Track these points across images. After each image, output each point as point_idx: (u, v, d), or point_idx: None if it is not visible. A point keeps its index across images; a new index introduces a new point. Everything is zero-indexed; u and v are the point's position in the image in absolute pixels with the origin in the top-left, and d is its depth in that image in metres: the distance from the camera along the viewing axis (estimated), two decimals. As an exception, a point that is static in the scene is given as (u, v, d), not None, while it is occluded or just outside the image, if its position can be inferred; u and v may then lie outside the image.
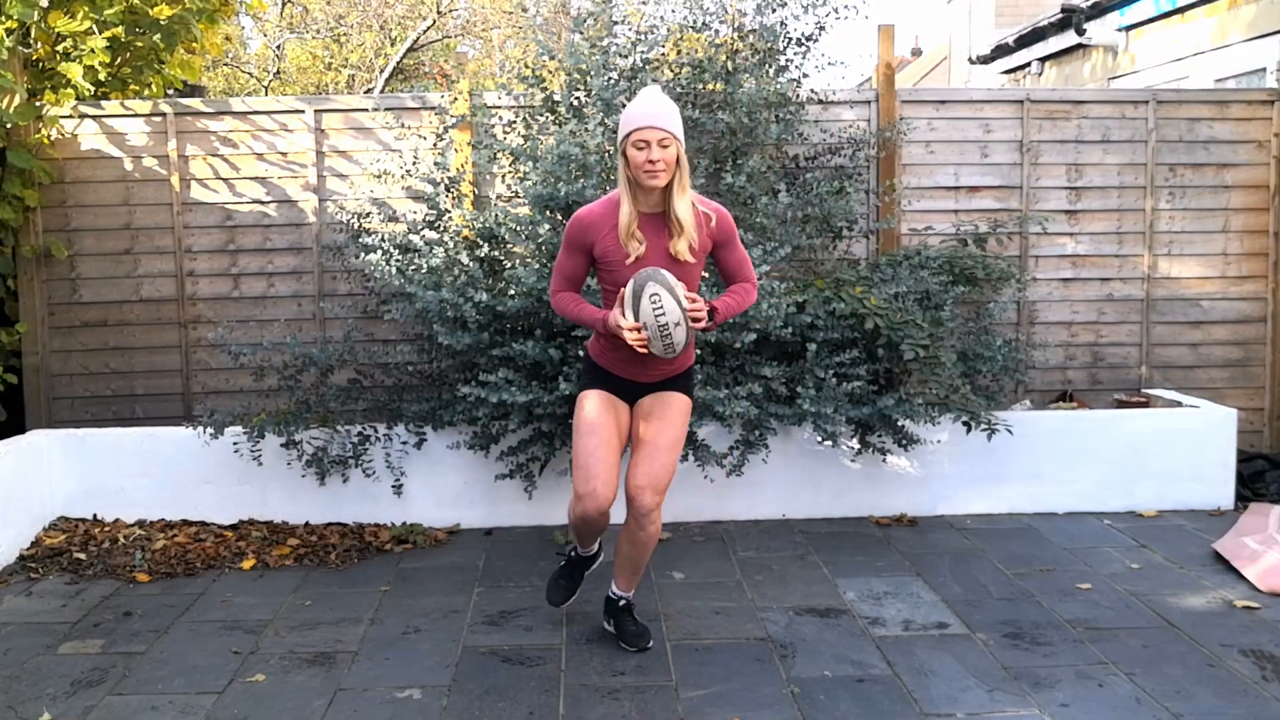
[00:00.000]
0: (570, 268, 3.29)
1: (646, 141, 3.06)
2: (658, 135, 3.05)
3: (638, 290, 3.06)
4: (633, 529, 3.32)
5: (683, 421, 3.35)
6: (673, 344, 3.10)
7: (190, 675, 3.34)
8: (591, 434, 3.26)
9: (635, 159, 3.08)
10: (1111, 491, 4.98)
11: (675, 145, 3.08)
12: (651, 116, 3.07)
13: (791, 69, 5.09)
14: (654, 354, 3.15)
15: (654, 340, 3.09)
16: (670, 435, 3.29)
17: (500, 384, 4.30)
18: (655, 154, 3.05)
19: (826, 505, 4.91)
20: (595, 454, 3.23)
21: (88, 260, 5.34)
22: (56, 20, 4.90)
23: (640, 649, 3.47)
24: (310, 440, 4.77)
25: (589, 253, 3.24)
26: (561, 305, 3.32)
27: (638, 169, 3.08)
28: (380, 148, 5.34)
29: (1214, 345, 5.67)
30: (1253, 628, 3.61)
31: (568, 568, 3.67)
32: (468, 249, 4.67)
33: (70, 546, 4.53)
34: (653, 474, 3.24)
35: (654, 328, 3.06)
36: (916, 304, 4.82)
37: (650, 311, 3.04)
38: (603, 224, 3.21)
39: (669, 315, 3.05)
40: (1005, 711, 3.05)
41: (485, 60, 16.83)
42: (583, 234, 3.22)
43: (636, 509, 3.26)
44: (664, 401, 3.34)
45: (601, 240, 3.20)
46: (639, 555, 3.40)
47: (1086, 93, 5.91)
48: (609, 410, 3.32)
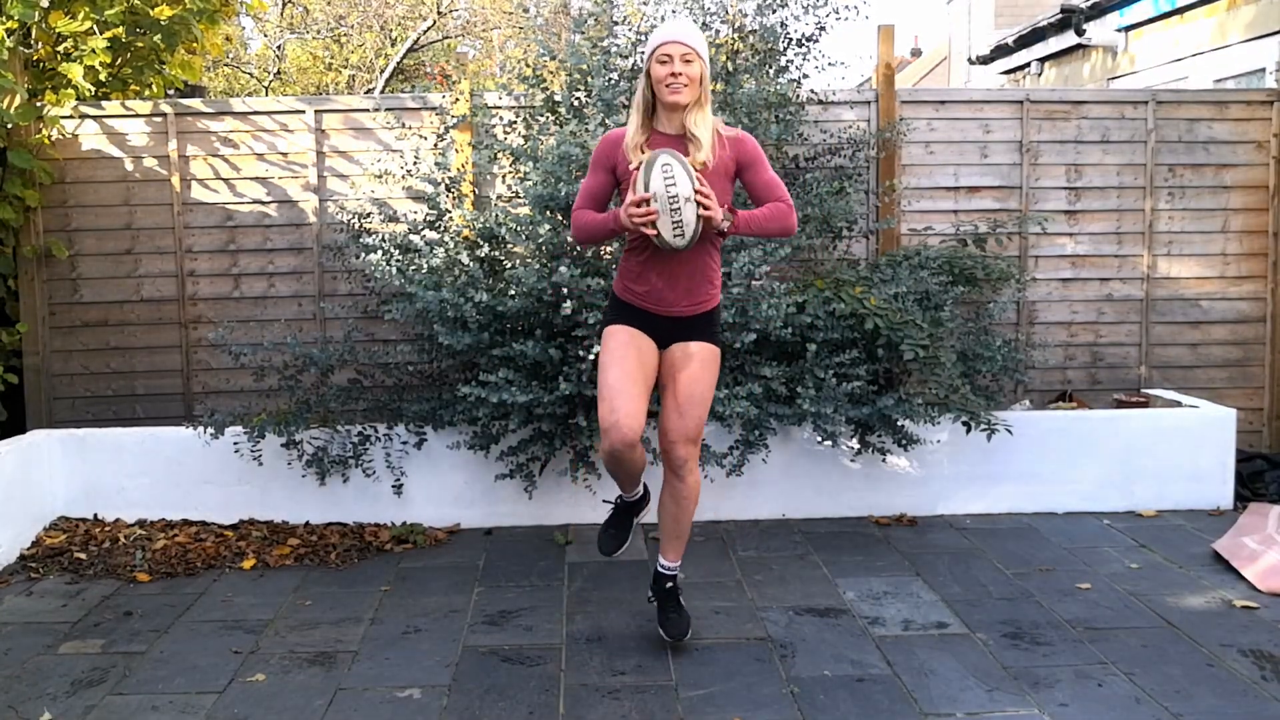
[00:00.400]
0: (594, 186, 3.29)
1: (670, 55, 3.08)
2: (681, 50, 3.07)
3: (651, 161, 3.03)
4: (672, 483, 3.34)
5: (712, 373, 3.32)
6: (682, 223, 3.02)
7: (190, 675, 3.34)
8: (614, 366, 3.22)
9: (658, 73, 3.09)
10: (1111, 491, 4.98)
11: (699, 63, 3.10)
12: (676, 33, 3.10)
13: (792, 69, 5.10)
14: (663, 239, 3.05)
15: (662, 215, 3.01)
16: (700, 388, 3.28)
17: (500, 384, 4.31)
18: (678, 67, 3.07)
19: (826, 505, 4.92)
20: (618, 385, 3.18)
21: (88, 260, 5.35)
22: (57, 20, 4.90)
23: (675, 638, 3.44)
24: (310, 440, 4.77)
25: (612, 171, 3.24)
26: (579, 220, 3.29)
27: (659, 83, 3.09)
28: (380, 148, 5.35)
29: (1213, 345, 5.67)
30: (1252, 628, 3.62)
31: (616, 515, 3.62)
32: (468, 249, 4.67)
33: (71, 546, 4.54)
34: (685, 427, 3.26)
35: (664, 199, 2.99)
36: (916, 304, 4.82)
37: (661, 181, 2.99)
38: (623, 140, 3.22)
39: (680, 187, 2.99)
40: (1005, 711, 3.05)
41: (485, 61, 16.84)
42: (609, 151, 3.24)
43: (672, 461, 3.30)
44: (692, 352, 3.29)
45: (624, 158, 3.20)
46: (682, 513, 3.38)
47: (1086, 93, 5.91)
48: (633, 344, 3.27)
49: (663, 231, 3.06)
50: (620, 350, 3.25)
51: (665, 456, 3.34)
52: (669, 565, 3.49)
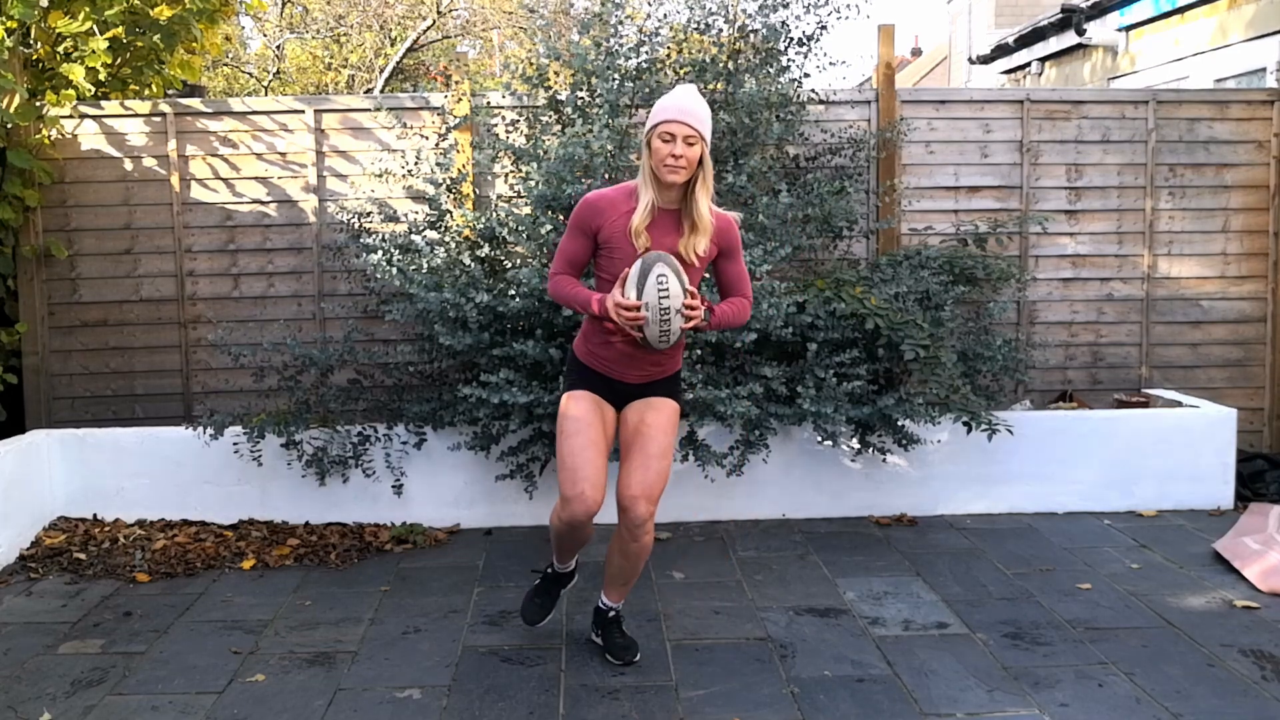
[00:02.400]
0: (573, 250, 3.21)
1: (672, 135, 3.01)
2: (684, 131, 3.00)
3: (646, 269, 2.99)
4: (625, 540, 3.21)
5: (673, 428, 3.26)
6: (668, 332, 3.02)
7: (190, 675, 3.34)
8: (577, 434, 3.16)
9: (658, 150, 3.03)
10: (1111, 491, 4.98)
11: (700, 145, 3.03)
12: (682, 111, 3.02)
13: (793, 69, 5.09)
14: (647, 340, 3.05)
15: (651, 324, 3.00)
16: (661, 442, 3.20)
17: (501, 384, 4.30)
18: (679, 149, 3.00)
19: (826, 505, 4.91)
20: (582, 455, 3.13)
21: (88, 260, 5.34)
22: (57, 20, 4.90)
23: (626, 663, 3.38)
24: (310, 440, 4.77)
25: (594, 236, 3.16)
26: (557, 287, 3.24)
27: (659, 161, 3.03)
28: (380, 148, 5.34)
29: (1214, 345, 5.67)
30: (1253, 628, 3.61)
31: (544, 585, 3.58)
32: (469, 249, 4.67)
33: (70, 546, 4.53)
34: (647, 482, 3.15)
35: (655, 310, 2.98)
36: (916, 304, 4.82)
37: (655, 292, 2.96)
38: (612, 210, 3.13)
39: (673, 300, 2.97)
40: (1005, 711, 3.05)
41: (486, 60, 16.84)
42: (591, 216, 3.15)
43: (630, 519, 3.15)
44: (653, 407, 3.24)
45: (609, 225, 3.13)
46: (630, 567, 3.30)
47: (1086, 93, 5.91)
48: (595, 411, 3.22)
49: (648, 336, 3.05)
50: (583, 418, 3.19)
51: (624, 514, 3.17)
52: (609, 603, 3.45)
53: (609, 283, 3.14)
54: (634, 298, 2.99)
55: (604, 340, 3.21)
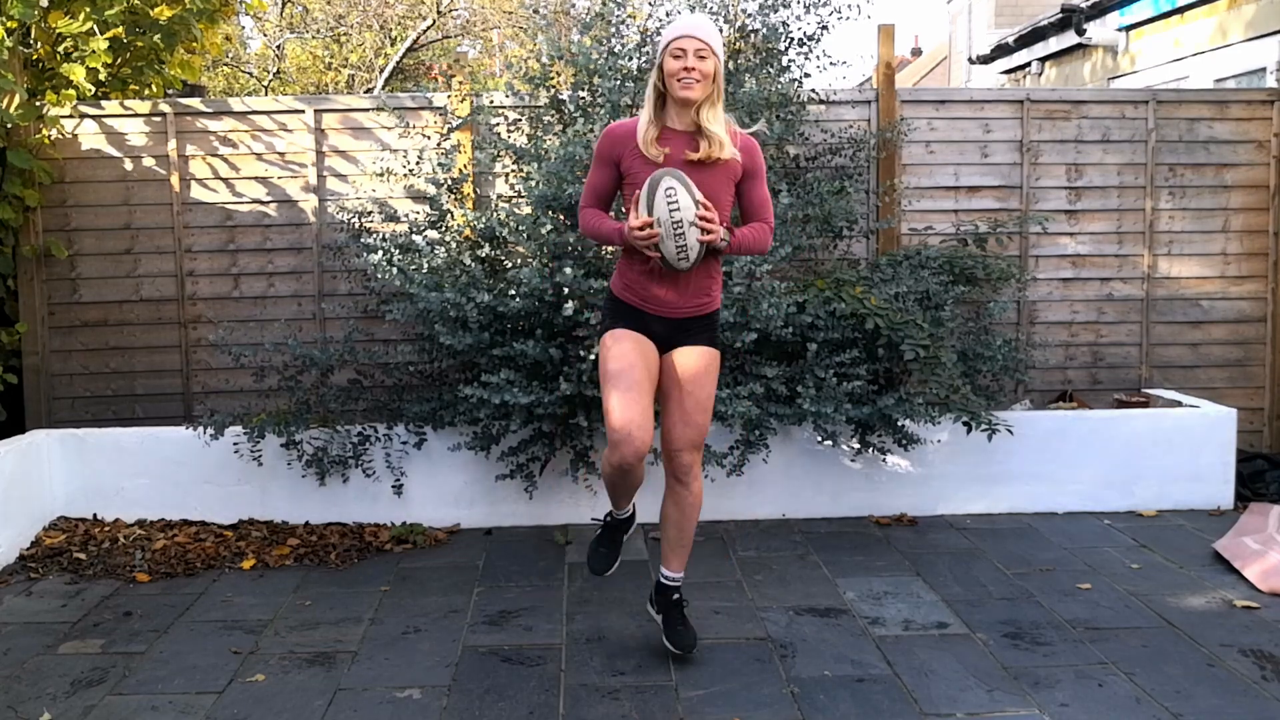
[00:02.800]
0: (598, 181, 3.23)
1: (683, 50, 3.02)
2: (695, 45, 3.02)
3: (653, 185, 2.99)
4: (675, 490, 3.29)
5: (713, 376, 3.28)
6: (685, 247, 3.00)
7: (190, 675, 3.34)
8: (620, 376, 3.13)
9: (670, 67, 3.03)
10: (1111, 491, 4.98)
11: (713, 59, 3.04)
12: (692, 27, 3.04)
13: (793, 69, 5.09)
14: (666, 260, 3.04)
15: (665, 239, 2.98)
16: (702, 394, 3.24)
17: (502, 385, 4.30)
18: (691, 62, 3.01)
19: (826, 505, 4.91)
20: (626, 396, 3.10)
21: (88, 260, 5.34)
22: (57, 20, 4.90)
23: (683, 651, 3.35)
24: (310, 440, 4.77)
25: (616, 165, 3.18)
26: (584, 221, 3.25)
27: (671, 77, 3.03)
28: (380, 148, 5.34)
29: (1214, 345, 5.67)
30: (1253, 628, 3.61)
31: (606, 533, 3.55)
32: (470, 249, 4.67)
33: (70, 546, 4.53)
34: (689, 435, 3.23)
35: (667, 224, 2.96)
36: (916, 304, 4.82)
37: (664, 206, 2.96)
38: (631, 138, 3.14)
39: (684, 212, 2.96)
40: (1005, 711, 3.05)
41: (486, 60, 16.84)
42: (611, 146, 3.17)
43: (676, 467, 3.25)
44: (693, 356, 3.24)
45: (629, 153, 3.13)
46: (686, 521, 3.32)
47: (1086, 93, 5.91)
48: (636, 349, 3.18)
49: (665, 254, 3.04)
50: (625, 358, 3.16)
51: (669, 463, 3.27)
52: (672, 576, 3.41)
53: None
54: (645, 215, 2.99)
55: (640, 278, 3.19)
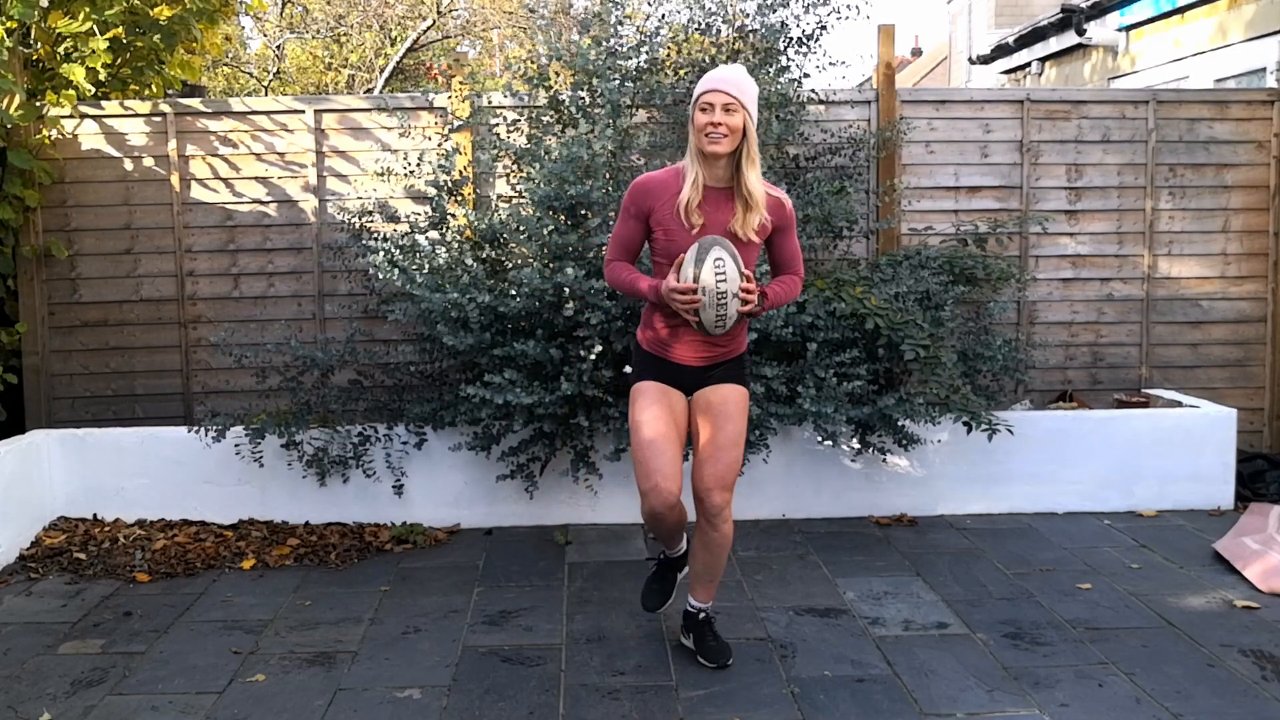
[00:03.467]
0: (626, 235, 3.21)
1: (711, 104, 3.00)
2: (723, 99, 2.99)
3: (703, 252, 2.97)
4: (705, 530, 3.25)
5: (743, 414, 3.25)
6: (725, 316, 3.01)
7: (190, 675, 3.34)
8: (647, 426, 3.16)
9: (698, 121, 3.02)
10: (1111, 491, 4.98)
11: (742, 114, 3.01)
12: (720, 80, 3.02)
13: (793, 69, 5.09)
14: (702, 325, 3.05)
15: (707, 307, 2.99)
16: (731, 431, 3.20)
17: (505, 385, 4.30)
18: (718, 117, 2.99)
19: (826, 505, 4.91)
20: (652, 448, 3.14)
21: (88, 260, 5.34)
22: (57, 20, 4.90)
23: (720, 665, 3.34)
24: (310, 440, 4.77)
25: (645, 220, 3.15)
26: (613, 274, 3.24)
27: (699, 131, 3.02)
28: (380, 148, 5.34)
29: (1214, 345, 5.67)
30: (1253, 628, 3.61)
31: (660, 571, 3.55)
32: (471, 249, 4.67)
33: (70, 546, 4.53)
34: (718, 474, 3.18)
35: (712, 293, 2.96)
36: (916, 304, 4.82)
37: (713, 275, 2.95)
38: (663, 191, 3.12)
39: (729, 284, 2.96)
40: (1005, 711, 3.05)
41: (486, 61, 16.84)
42: (642, 199, 3.14)
43: (706, 509, 3.21)
44: (721, 396, 3.22)
45: (660, 208, 3.11)
46: (714, 560, 3.29)
47: (1086, 93, 5.91)
48: (663, 401, 3.21)
49: (704, 321, 3.04)
50: (652, 410, 3.19)
51: (699, 504, 3.24)
52: (698, 604, 3.41)
53: (665, 266, 3.12)
54: (690, 280, 2.98)
55: (664, 325, 3.20)
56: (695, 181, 3.06)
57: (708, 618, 3.42)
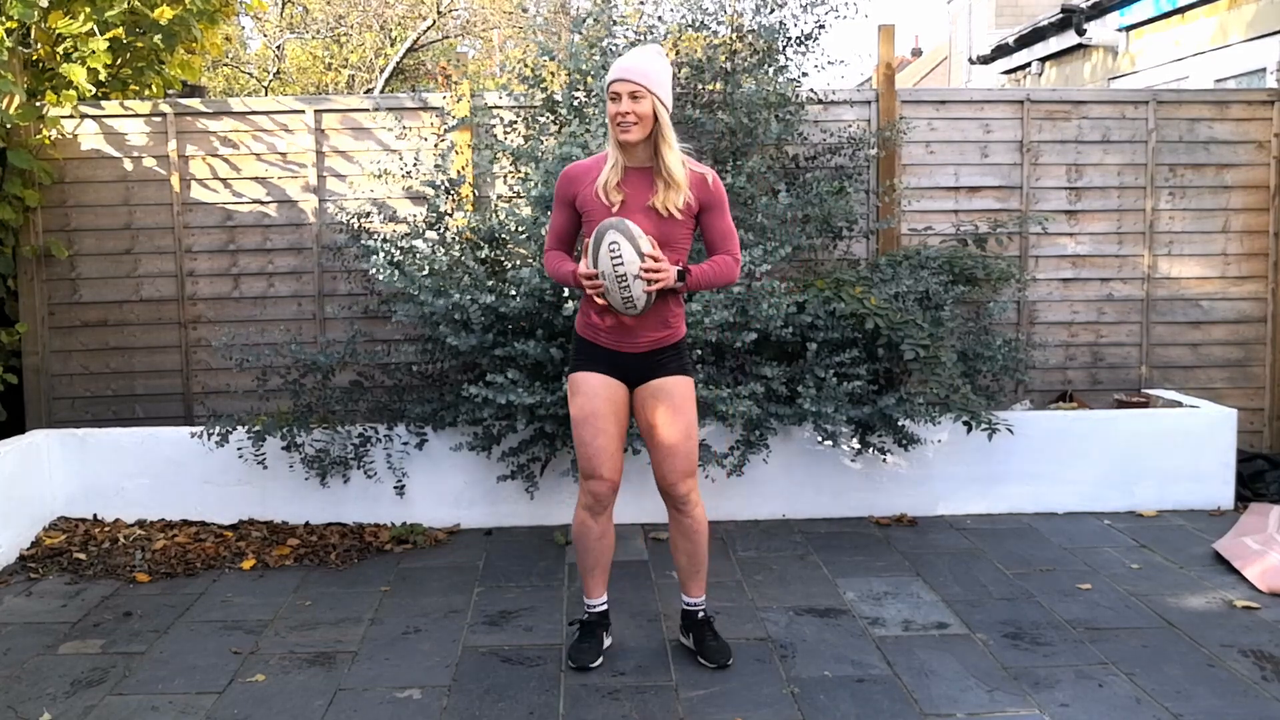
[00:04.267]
0: (559, 223, 3.27)
1: (618, 94, 3.04)
2: (628, 88, 3.02)
3: (598, 238, 3.02)
4: (679, 520, 3.32)
5: (691, 404, 3.26)
6: (630, 298, 3.03)
7: (190, 675, 3.34)
8: (587, 422, 3.22)
9: (609, 110, 3.07)
10: (1111, 491, 4.98)
11: (649, 99, 3.03)
12: (624, 69, 3.05)
13: (791, 69, 5.09)
14: (613, 308, 3.09)
15: (610, 291, 3.03)
16: (684, 425, 3.23)
17: (506, 385, 4.30)
18: (625, 105, 3.02)
19: (826, 505, 4.91)
20: (594, 443, 3.22)
21: (88, 260, 5.34)
22: (57, 21, 4.90)
23: (720, 666, 3.33)
24: (311, 441, 4.77)
25: (573, 206, 3.21)
26: (548, 263, 3.29)
27: (611, 121, 3.07)
28: (380, 148, 5.34)
29: (1214, 345, 5.67)
30: (1253, 628, 3.61)
31: (586, 630, 3.44)
32: (470, 250, 4.67)
33: (70, 546, 4.53)
34: (680, 467, 3.24)
35: (611, 277, 3.00)
36: (916, 304, 4.82)
37: (608, 260, 2.99)
38: (584, 176, 3.18)
39: (627, 265, 2.99)
40: (1005, 711, 3.05)
41: (485, 61, 16.85)
42: (567, 186, 3.21)
43: (675, 500, 3.28)
44: (667, 390, 3.22)
45: (582, 192, 3.17)
46: (696, 549, 3.34)
47: (1086, 93, 5.91)
48: (603, 390, 3.23)
49: (613, 304, 3.09)
50: (591, 402, 3.22)
51: (667, 497, 3.29)
52: (693, 601, 3.42)
53: None
54: (591, 267, 3.04)
55: (595, 312, 3.22)
56: (615, 164, 3.12)
57: (707, 617, 3.43)
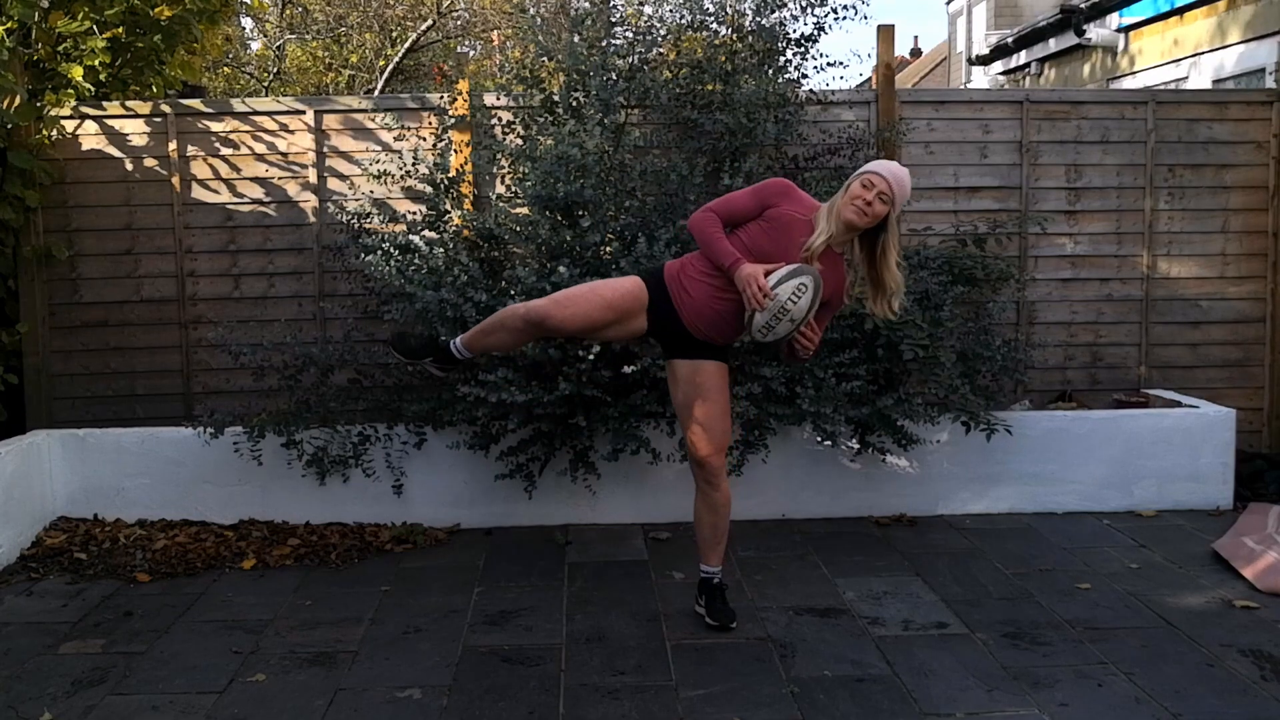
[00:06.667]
0: (741, 206, 3.38)
1: (872, 184, 3.25)
2: (883, 185, 3.25)
3: (797, 272, 3.21)
4: (707, 493, 3.54)
5: (725, 385, 3.50)
6: (772, 331, 3.25)
7: (191, 675, 3.35)
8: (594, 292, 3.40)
9: (854, 191, 3.26)
10: (1110, 491, 4.99)
11: (889, 208, 3.27)
12: (889, 171, 3.28)
13: (790, 69, 5.09)
14: (750, 321, 3.26)
15: (766, 311, 3.20)
16: (723, 403, 3.48)
17: (499, 384, 4.31)
18: (871, 197, 3.24)
19: (826, 505, 4.92)
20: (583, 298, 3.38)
21: (88, 260, 5.34)
22: (57, 21, 4.90)
23: (722, 624, 3.62)
24: (310, 440, 4.77)
25: (764, 210, 3.35)
26: (704, 223, 3.36)
27: (850, 198, 3.25)
28: (380, 148, 5.34)
29: (1213, 345, 5.67)
30: (1252, 627, 3.62)
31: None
32: (468, 249, 4.67)
33: (71, 546, 4.54)
34: (717, 441, 3.48)
35: (775, 308, 3.19)
36: (916, 304, 4.82)
37: (788, 295, 3.18)
38: (798, 204, 3.35)
39: (796, 311, 3.21)
40: (1005, 711, 3.06)
41: (485, 61, 16.85)
42: (779, 195, 3.35)
43: (706, 472, 3.50)
44: (707, 372, 3.46)
45: (787, 211, 3.32)
46: (720, 520, 3.57)
47: (1086, 93, 5.92)
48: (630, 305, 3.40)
49: (755, 320, 3.26)
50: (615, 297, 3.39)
51: (701, 469, 3.52)
52: (711, 569, 3.67)
53: (741, 246, 3.33)
54: (771, 284, 3.20)
55: (698, 284, 3.37)
56: (825, 235, 3.29)
57: (721, 584, 3.69)
